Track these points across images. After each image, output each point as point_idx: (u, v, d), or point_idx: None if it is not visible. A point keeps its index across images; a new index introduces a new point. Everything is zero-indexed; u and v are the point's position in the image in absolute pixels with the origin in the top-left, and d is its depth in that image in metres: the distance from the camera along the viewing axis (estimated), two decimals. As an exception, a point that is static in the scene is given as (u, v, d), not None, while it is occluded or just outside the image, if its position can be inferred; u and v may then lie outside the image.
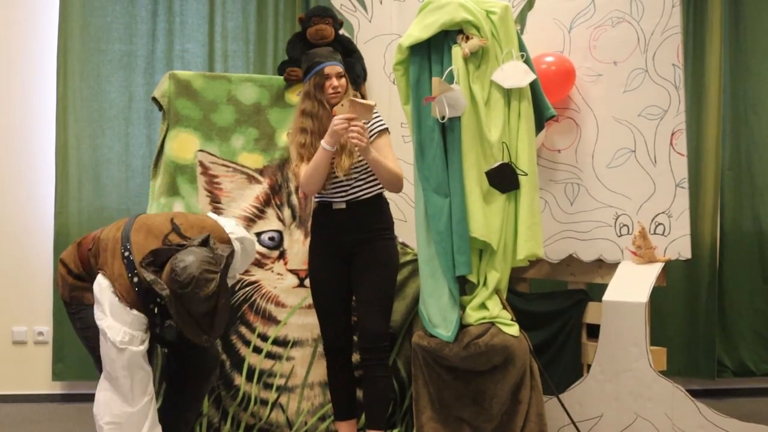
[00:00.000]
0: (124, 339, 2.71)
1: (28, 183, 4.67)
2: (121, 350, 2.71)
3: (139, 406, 2.74)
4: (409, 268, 3.73)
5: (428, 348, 3.26)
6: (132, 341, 2.72)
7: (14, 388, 4.66)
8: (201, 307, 2.64)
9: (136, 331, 2.74)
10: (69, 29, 4.58)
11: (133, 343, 2.72)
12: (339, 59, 3.31)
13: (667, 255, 3.62)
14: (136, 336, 2.73)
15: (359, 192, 3.26)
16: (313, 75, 3.25)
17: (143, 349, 2.76)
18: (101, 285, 2.77)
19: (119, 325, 2.72)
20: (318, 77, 3.24)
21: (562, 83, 3.77)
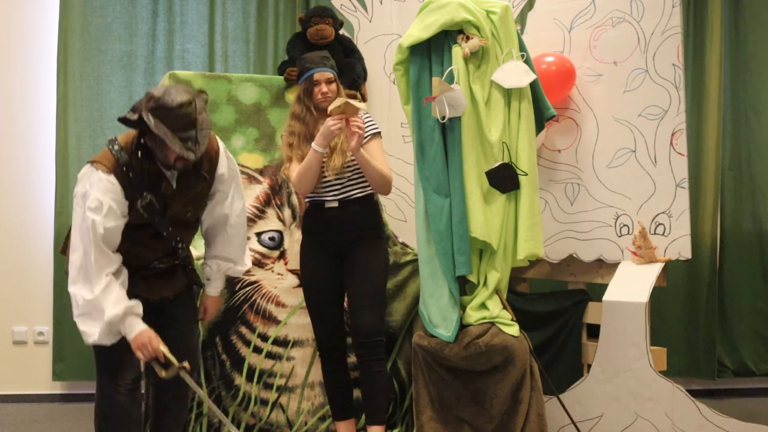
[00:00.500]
0: (91, 205, 2.61)
1: (28, 183, 4.67)
2: (85, 218, 2.61)
3: (99, 291, 2.62)
4: (409, 268, 3.73)
5: (428, 348, 3.26)
6: (98, 209, 2.61)
7: (14, 388, 4.66)
8: (179, 117, 2.57)
9: (108, 200, 2.62)
10: (69, 29, 4.57)
11: (99, 212, 2.60)
12: (331, 64, 3.31)
13: (667, 255, 3.62)
14: (104, 203, 2.61)
15: (352, 191, 3.27)
16: (303, 80, 3.31)
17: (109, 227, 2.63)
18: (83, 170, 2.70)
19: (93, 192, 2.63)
20: (307, 83, 3.29)
21: (562, 83, 3.77)
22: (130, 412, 2.78)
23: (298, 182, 3.25)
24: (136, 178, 2.68)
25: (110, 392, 2.77)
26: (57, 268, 4.53)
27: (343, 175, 3.25)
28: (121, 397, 2.76)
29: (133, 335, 2.66)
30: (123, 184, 2.66)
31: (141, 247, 2.78)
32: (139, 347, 2.65)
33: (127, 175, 2.67)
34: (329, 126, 3.13)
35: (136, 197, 2.69)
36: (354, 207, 3.28)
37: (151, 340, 2.66)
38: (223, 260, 3.04)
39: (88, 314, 2.64)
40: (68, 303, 4.41)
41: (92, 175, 2.66)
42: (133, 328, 2.66)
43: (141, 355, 2.67)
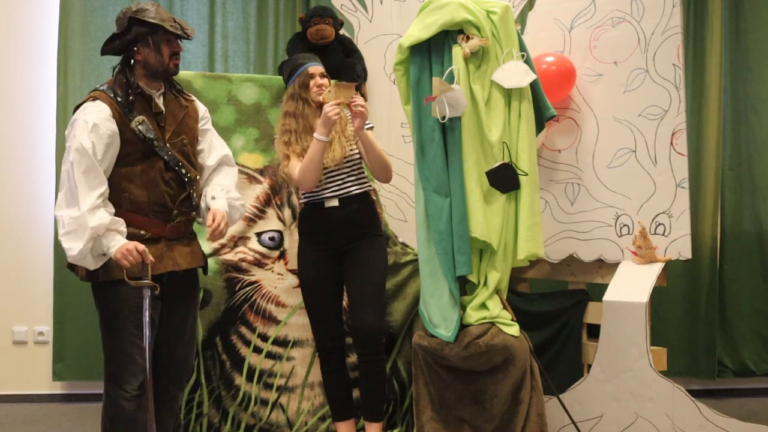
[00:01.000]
0: (77, 130, 2.67)
1: (29, 183, 4.67)
2: (70, 145, 2.68)
3: (86, 208, 2.64)
4: (409, 268, 3.73)
5: (429, 348, 3.26)
6: (83, 129, 2.65)
7: (14, 388, 4.66)
8: (159, 12, 2.77)
9: (92, 119, 2.67)
10: (69, 29, 4.57)
11: (84, 131, 2.65)
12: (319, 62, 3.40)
13: (667, 255, 3.62)
14: (89, 122, 2.67)
15: (350, 187, 3.28)
16: (297, 76, 3.33)
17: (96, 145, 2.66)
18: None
19: (79, 118, 2.70)
20: (303, 77, 3.32)
21: (562, 83, 3.77)
22: (135, 418, 2.79)
23: (303, 176, 3.22)
24: (124, 98, 2.76)
25: (116, 397, 2.78)
26: (57, 268, 4.53)
27: (342, 169, 3.27)
28: (126, 402, 2.77)
29: (117, 246, 2.65)
30: (111, 107, 2.73)
31: (158, 187, 2.80)
32: (123, 254, 2.63)
33: (114, 99, 2.75)
34: (328, 113, 3.15)
35: (128, 118, 2.74)
36: (354, 205, 3.29)
37: (136, 246, 2.65)
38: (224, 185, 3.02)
39: (74, 232, 2.64)
40: (68, 303, 4.54)
41: (79, 111, 2.74)
42: (117, 242, 2.67)
43: (126, 262, 2.64)
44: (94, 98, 2.76)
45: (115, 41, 2.81)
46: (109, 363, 2.82)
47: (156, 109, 2.83)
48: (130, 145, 2.76)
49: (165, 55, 2.81)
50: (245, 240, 3.65)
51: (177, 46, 2.84)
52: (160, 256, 2.80)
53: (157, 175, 2.80)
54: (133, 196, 2.77)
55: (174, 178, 2.84)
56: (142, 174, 2.78)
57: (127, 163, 2.77)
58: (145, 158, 2.79)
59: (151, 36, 2.78)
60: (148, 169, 2.79)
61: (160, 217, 2.82)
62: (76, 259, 2.66)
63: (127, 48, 2.81)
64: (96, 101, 2.75)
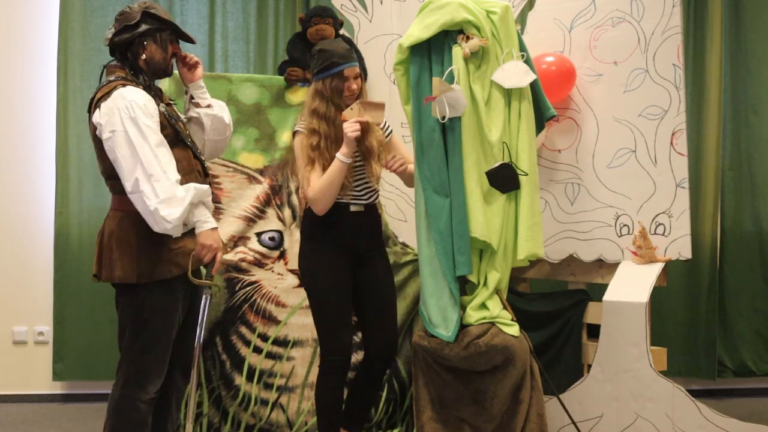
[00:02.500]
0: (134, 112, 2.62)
1: (29, 183, 4.67)
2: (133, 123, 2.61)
3: (175, 179, 2.58)
4: (409, 268, 3.73)
5: (428, 348, 3.26)
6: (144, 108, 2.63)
7: (14, 388, 4.66)
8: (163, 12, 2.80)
9: (144, 99, 2.66)
10: (69, 29, 4.58)
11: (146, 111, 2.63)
12: (355, 57, 3.19)
13: (667, 255, 3.62)
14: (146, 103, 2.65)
15: (374, 196, 3.24)
16: (329, 76, 3.08)
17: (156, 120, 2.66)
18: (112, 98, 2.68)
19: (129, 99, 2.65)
20: (336, 80, 3.08)
21: (562, 83, 3.77)
22: (147, 422, 2.77)
23: (320, 196, 3.02)
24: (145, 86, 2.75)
25: (134, 400, 2.73)
26: (57, 268, 4.54)
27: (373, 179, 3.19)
28: (143, 405, 2.73)
29: (208, 227, 2.64)
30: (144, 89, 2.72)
31: (193, 174, 2.77)
32: (206, 244, 2.62)
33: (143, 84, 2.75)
34: (347, 132, 3.00)
35: (157, 102, 2.73)
36: (374, 213, 3.24)
37: (220, 246, 2.64)
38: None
39: (170, 199, 2.56)
40: (68, 303, 4.55)
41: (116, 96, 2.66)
42: (207, 220, 2.65)
43: (203, 252, 2.63)
44: (123, 85, 2.70)
45: (123, 34, 2.76)
46: (134, 364, 2.73)
47: (166, 100, 2.86)
48: (162, 129, 2.71)
49: (169, 54, 2.82)
50: (245, 240, 3.65)
51: (177, 48, 2.86)
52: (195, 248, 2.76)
53: (189, 162, 2.79)
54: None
55: (200, 166, 2.83)
56: (178, 162, 2.71)
57: None
58: (174, 144, 2.74)
59: (160, 33, 2.79)
60: (180, 156, 2.75)
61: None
62: (173, 227, 2.57)
63: (135, 42, 2.77)
64: (128, 87, 2.69)
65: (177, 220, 2.56)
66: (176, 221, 2.56)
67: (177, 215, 2.56)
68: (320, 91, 3.10)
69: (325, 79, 3.08)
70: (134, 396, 2.73)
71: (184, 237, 2.70)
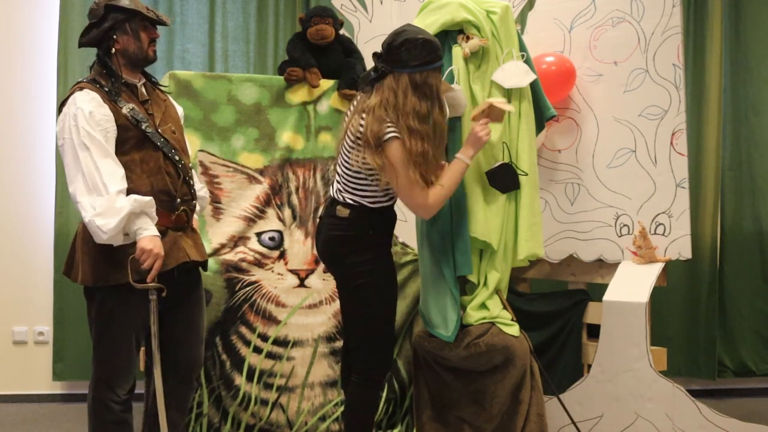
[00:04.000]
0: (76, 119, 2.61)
1: (28, 183, 4.67)
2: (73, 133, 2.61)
3: (114, 191, 2.56)
4: (409, 268, 3.73)
5: (428, 348, 3.26)
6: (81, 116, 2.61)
7: (14, 388, 4.66)
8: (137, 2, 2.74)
9: (88, 107, 2.63)
10: (69, 29, 4.57)
11: (83, 118, 2.61)
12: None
13: (667, 255, 3.62)
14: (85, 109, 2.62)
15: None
16: (435, 69, 2.82)
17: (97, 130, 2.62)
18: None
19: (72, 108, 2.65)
20: (437, 75, 2.83)
21: (562, 83, 3.77)
22: (127, 420, 2.77)
23: (441, 203, 2.86)
24: (110, 87, 2.71)
25: (106, 401, 2.74)
26: (57, 268, 4.53)
27: None
28: (118, 405, 2.74)
29: (149, 234, 2.60)
30: (100, 94, 2.68)
31: (160, 174, 2.73)
32: (145, 250, 2.58)
33: (101, 88, 2.70)
34: (479, 134, 2.90)
35: (118, 105, 2.69)
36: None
37: (161, 252, 2.60)
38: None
39: (106, 212, 2.55)
40: (68, 303, 4.54)
41: (70, 102, 2.66)
42: (147, 228, 2.61)
43: (142, 257, 2.59)
44: (80, 88, 2.69)
45: (91, 31, 2.76)
46: (100, 366, 2.76)
47: (142, 97, 2.80)
48: (124, 132, 2.69)
49: (144, 41, 2.77)
50: (245, 240, 3.64)
51: (154, 32, 2.80)
52: (169, 250, 2.72)
53: (156, 162, 2.73)
54: (136, 186, 2.67)
55: (171, 166, 2.78)
56: (141, 163, 2.71)
57: (124, 151, 2.69)
58: (141, 146, 2.71)
59: (129, 22, 2.74)
60: (146, 157, 2.72)
61: (166, 206, 2.74)
62: (108, 237, 2.56)
63: (104, 37, 2.75)
64: (83, 90, 2.68)
65: (112, 230, 2.55)
66: (111, 231, 2.55)
67: (112, 226, 2.54)
68: (420, 86, 2.78)
69: (430, 71, 2.80)
70: (106, 397, 2.74)
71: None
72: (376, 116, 2.77)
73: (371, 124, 2.76)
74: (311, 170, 3.72)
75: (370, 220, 2.89)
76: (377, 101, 2.78)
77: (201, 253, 2.89)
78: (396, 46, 2.78)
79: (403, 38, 2.78)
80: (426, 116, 2.78)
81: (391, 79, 2.79)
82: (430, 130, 2.79)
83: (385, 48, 2.83)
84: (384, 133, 2.75)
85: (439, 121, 2.83)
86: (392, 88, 2.78)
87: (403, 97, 2.77)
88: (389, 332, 2.97)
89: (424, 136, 2.77)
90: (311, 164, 3.72)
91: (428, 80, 2.79)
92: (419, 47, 2.76)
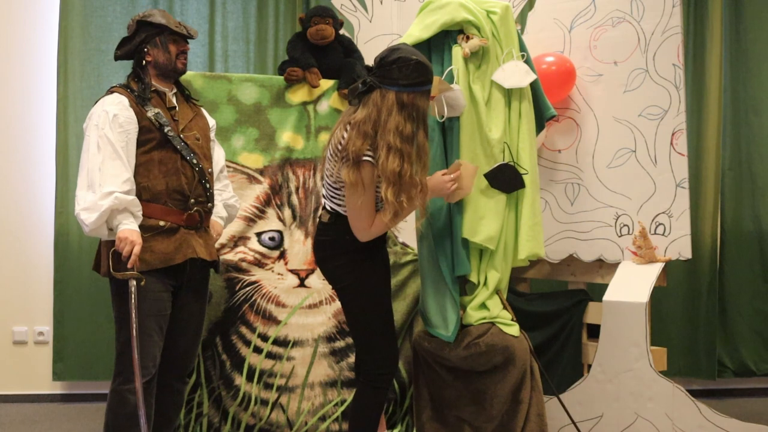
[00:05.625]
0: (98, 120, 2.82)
1: (29, 183, 4.67)
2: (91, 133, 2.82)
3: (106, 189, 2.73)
4: (409, 268, 3.73)
5: (428, 348, 3.26)
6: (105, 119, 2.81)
7: (14, 388, 4.66)
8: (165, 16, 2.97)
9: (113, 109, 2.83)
10: (69, 29, 4.57)
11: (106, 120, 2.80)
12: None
13: (667, 255, 3.62)
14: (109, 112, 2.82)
15: None
16: (422, 92, 2.78)
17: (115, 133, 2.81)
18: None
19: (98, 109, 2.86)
20: (425, 97, 2.80)
21: (562, 83, 3.77)
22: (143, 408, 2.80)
23: (377, 233, 2.85)
24: (140, 92, 2.93)
25: (123, 392, 2.82)
26: (57, 268, 4.53)
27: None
28: (132, 397, 2.79)
29: (128, 227, 2.75)
30: (129, 98, 2.89)
31: (176, 174, 2.90)
32: (123, 239, 2.72)
33: (131, 92, 2.92)
34: (445, 183, 2.96)
35: (144, 109, 2.89)
36: None
37: (137, 240, 2.74)
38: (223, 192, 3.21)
39: (91, 208, 2.73)
40: (68, 303, 4.55)
41: (99, 103, 2.89)
42: (127, 223, 2.76)
43: (120, 245, 2.72)
44: (111, 92, 2.93)
45: (125, 45, 3.00)
46: (119, 357, 2.85)
47: (170, 104, 2.99)
48: (147, 133, 2.88)
49: (172, 53, 2.98)
50: (245, 240, 3.65)
51: (183, 45, 3.01)
52: (179, 246, 2.89)
53: (174, 164, 2.91)
54: (152, 184, 2.87)
55: (189, 168, 2.94)
56: (160, 163, 2.89)
57: (144, 151, 2.88)
58: (161, 147, 2.90)
59: (159, 36, 2.96)
60: (165, 158, 2.90)
61: (178, 205, 2.91)
62: (90, 230, 2.75)
63: (137, 50, 2.98)
64: (113, 94, 2.91)
65: (93, 224, 2.72)
66: (92, 225, 2.72)
67: (92, 219, 2.72)
68: (407, 106, 2.75)
69: (418, 93, 2.77)
70: (124, 388, 2.82)
71: (153, 236, 2.84)
72: (360, 132, 2.75)
73: (354, 140, 2.75)
74: (311, 170, 3.73)
75: (346, 226, 2.88)
76: (362, 117, 2.77)
77: (210, 253, 3.03)
78: (389, 62, 2.75)
79: (396, 55, 2.76)
80: (410, 137, 2.74)
81: (377, 94, 2.77)
82: (413, 151, 2.75)
83: (377, 62, 2.81)
84: (364, 152, 2.74)
85: (422, 143, 2.80)
86: (377, 104, 2.76)
87: (387, 114, 2.74)
88: (384, 332, 2.95)
89: (404, 156, 2.73)
90: (311, 164, 3.73)
91: (416, 102, 2.76)
92: (411, 67, 2.73)
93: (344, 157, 2.77)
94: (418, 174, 2.78)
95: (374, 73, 2.80)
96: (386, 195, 2.73)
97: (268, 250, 3.65)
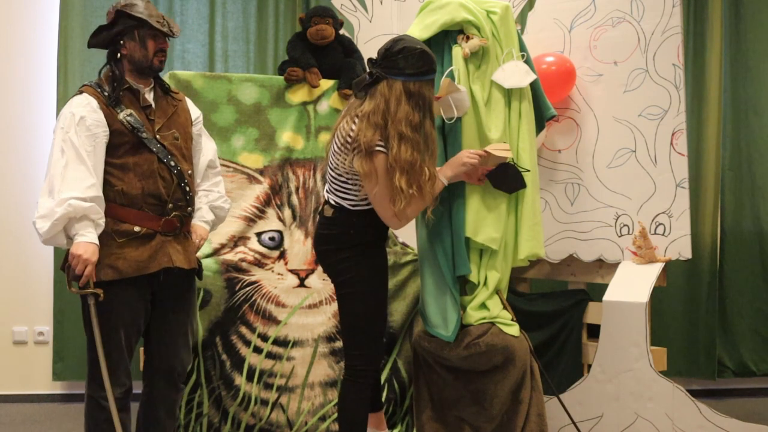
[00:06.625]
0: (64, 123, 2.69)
1: (29, 183, 4.66)
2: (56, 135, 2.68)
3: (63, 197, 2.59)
4: (409, 268, 3.73)
5: (428, 348, 3.26)
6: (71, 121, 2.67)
7: (14, 388, 4.66)
8: (148, 7, 2.78)
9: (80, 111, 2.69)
10: (69, 29, 4.58)
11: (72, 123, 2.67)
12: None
13: (667, 255, 3.62)
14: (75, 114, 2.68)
15: None
16: (428, 81, 2.83)
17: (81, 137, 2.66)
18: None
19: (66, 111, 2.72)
20: (431, 87, 2.84)
21: (562, 83, 3.77)
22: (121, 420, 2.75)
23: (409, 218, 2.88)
24: (111, 91, 2.75)
25: (98, 399, 2.75)
26: (57, 268, 4.53)
27: None
28: (107, 403, 2.73)
29: (84, 240, 2.61)
30: (98, 99, 2.73)
31: (153, 178, 2.76)
32: (76, 257, 2.59)
33: (101, 92, 2.75)
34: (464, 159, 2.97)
35: (115, 110, 2.73)
36: None
37: (90, 258, 2.61)
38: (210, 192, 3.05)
39: (46, 216, 2.60)
40: (68, 303, 4.54)
41: (67, 105, 2.74)
42: (85, 235, 2.62)
43: (72, 261, 2.60)
44: (80, 92, 2.77)
45: (102, 33, 2.81)
46: (91, 365, 2.76)
47: (144, 102, 2.82)
48: (119, 136, 2.73)
49: (150, 50, 2.79)
50: (245, 240, 3.65)
51: (163, 42, 2.81)
52: (154, 254, 2.74)
53: (150, 166, 2.76)
54: (127, 188, 2.72)
55: (166, 170, 2.80)
56: (135, 167, 2.75)
57: (118, 155, 2.74)
58: (136, 150, 2.75)
59: (137, 30, 2.77)
60: (141, 161, 2.75)
61: (155, 210, 2.76)
62: (44, 239, 2.63)
63: (113, 41, 2.79)
64: (82, 94, 2.75)
65: (46, 233, 2.60)
66: (45, 234, 2.60)
67: (45, 229, 2.59)
68: (414, 95, 2.79)
69: (424, 83, 2.81)
70: (97, 395, 2.75)
71: (127, 242, 2.71)
72: (370, 123, 2.78)
73: (365, 131, 2.78)
74: (311, 170, 3.73)
75: (351, 221, 2.92)
76: (371, 108, 2.80)
77: (189, 261, 2.85)
78: (394, 52, 2.79)
79: (401, 45, 2.80)
80: (418, 126, 2.79)
81: (384, 84, 2.80)
82: (421, 139, 2.79)
83: (381, 54, 2.84)
84: (376, 142, 2.77)
85: (430, 132, 2.84)
86: (385, 95, 2.79)
87: (396, 104, 2.77)
88: (374, 329, 2.97)
89: (414, 145, 2.77)
90: (311, 164, 3.73)
91: (422, 91, 2.80)
92: (417, 56, 2.77)
93: (356, 149, 2.79)
94: (426, 163, 2.81)
95: (379, 65, 2.83)
96: (400, 184, 2.76)
97: (268, 250, 3.65)
